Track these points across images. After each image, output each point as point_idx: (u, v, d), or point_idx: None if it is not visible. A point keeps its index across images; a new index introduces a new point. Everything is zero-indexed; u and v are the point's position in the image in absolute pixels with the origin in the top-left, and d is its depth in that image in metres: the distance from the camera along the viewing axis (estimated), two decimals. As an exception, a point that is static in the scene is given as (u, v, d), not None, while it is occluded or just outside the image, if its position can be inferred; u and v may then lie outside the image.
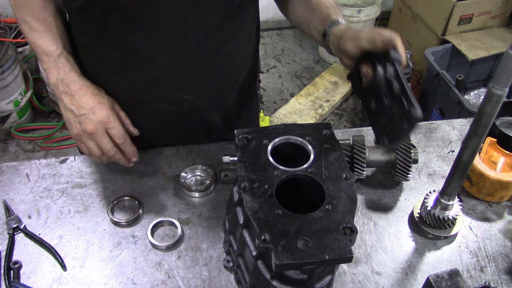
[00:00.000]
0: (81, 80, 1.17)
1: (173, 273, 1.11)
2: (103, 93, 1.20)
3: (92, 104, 1.15)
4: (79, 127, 1.16)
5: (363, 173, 1.22)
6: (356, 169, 1.22)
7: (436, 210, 1.17)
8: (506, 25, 3.33)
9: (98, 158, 1.20)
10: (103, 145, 1.17)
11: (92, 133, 1.15)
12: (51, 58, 1.16)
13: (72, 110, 1.16)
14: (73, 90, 1.15)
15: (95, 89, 1.19)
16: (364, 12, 3.60)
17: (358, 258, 1.15)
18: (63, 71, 1.16)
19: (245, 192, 0.90)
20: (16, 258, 1.12)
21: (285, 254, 0.81)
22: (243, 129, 1.02)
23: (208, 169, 1.30)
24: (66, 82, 1.16)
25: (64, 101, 1.16)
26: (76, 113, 1.16)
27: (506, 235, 1.22)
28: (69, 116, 1.17)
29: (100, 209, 1.23)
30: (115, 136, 1.18)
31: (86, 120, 1.15)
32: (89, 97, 1.16)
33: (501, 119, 1.36)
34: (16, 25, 3.08)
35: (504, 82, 0.86)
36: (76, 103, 1.15)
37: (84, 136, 1.17)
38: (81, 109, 1.15)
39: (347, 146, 1.24)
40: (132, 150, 1.22)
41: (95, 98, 1.16)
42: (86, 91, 1.16)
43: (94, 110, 1.15)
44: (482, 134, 0.96)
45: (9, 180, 1.29)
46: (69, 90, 1.16)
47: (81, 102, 1.15)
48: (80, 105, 1.15)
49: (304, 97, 3.55)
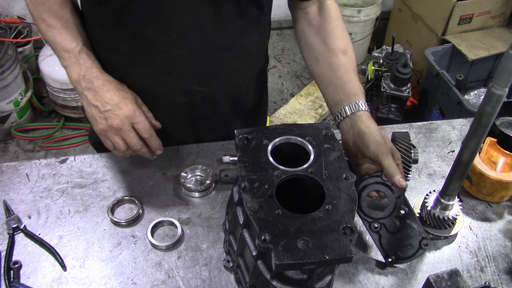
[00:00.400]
0: (103, 76, 1.17)
1: (173, 273, 1.11)
2: (126, 88, 1.20)
3: (117, 100, 1.15)
4: (104, 122, 1.16)
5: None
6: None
7: (436, 210, 1.17)
8: (506, 25, 3.33)
9: (123, 153, 1.21)
10: (130, 140, 1.17)
11: (119, 128, 1.15)
12: (72, 55, 1.16)
13: (97, 106, 1.15)
14: (96, 86, 1.15)
15: (118, 84, 1.19)
16: (364, 12, 3.60)
17: (358, 258, 1.15)
18: (84, 67, 1.16)
19: (245, 192, 0.90)
20: (16, 258, 1.12)
21: (285, 254, 0.81)
22: (243, 129, 1.02)
23: (208, 169, 1.30)
24: (89, 78, 1.16)
25: (88, 97, 1.16)
26: (101, 109, 1.15)
27: (506, 235, 1.22)
28: (93, 112, 1.16)
29: (100, 209, 1.23)
30: (141, 131, 1.18)
31: (112, 116, 1.14)
32: (113, 92, 1.16)
33: (501, 119, 1.36)
34: (16, 25, 3.08)
35: (504, 82, 0.86)
36: (100, 98, 1.15)
37: (110, 132, 1.16)
38: (106, 105, 1.15)
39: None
40: (157, 143, 1.22)
41: (119, 93, 1.16)
42: (109, 87, 1.16)
43: (120, 106, 1.15)
44: (482, 134, 0.96)
45: (9, 180, 1.29)
46: (92, 86, 1.15)
47: (105, 98, 1.15)
48: (105, 101, 1.15)
49: (304, 97, 3.55)
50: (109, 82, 1.17)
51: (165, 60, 1.19)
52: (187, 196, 1.27)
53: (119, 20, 1.12)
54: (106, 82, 1.16)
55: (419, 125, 1.51)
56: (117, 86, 1.18)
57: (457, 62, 3.12)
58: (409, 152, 1.21)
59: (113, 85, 1.17)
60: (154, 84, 1.25)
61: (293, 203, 0.90)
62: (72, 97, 3.13)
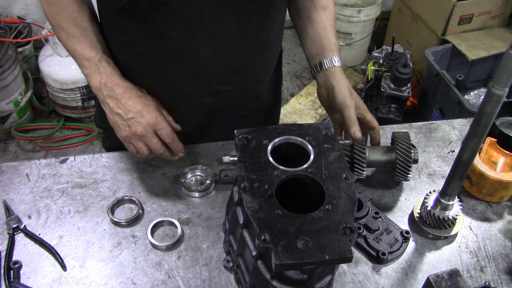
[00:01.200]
0: (124, 83, 1.18)
1: (173, 273, 1.11)
2: (146, 94, 1.22)
3: (139, 107, 1.16)
4: (128, 130, 1.17)
5: (363, 173, 1.22)
6: (356, 169, 1.22)
7: (436, 210, 1.17)
8: (506, 25, 3.33)
9: (145, 156, 1.22)
10: (153, 146, 1.18)
11: (142, 135, 1.16)
12: (92, 63, 1.17)
13: (120, 114, 1.17)
14: (118, 93, 1.16)
15: (138, 91, 1.20)
16: (364, 12, 3.60)
17: (358, 258, 1.15)
18: (105, 75, 1.17)
19: (245, 192, 0.90)
20: (16, 258, 1.12)
21: (285, 254, 0.81)
22: (243, 129, 1.02)
23: (208, 169, 1.30)
24: (110, 86, 1.17)
25: (110, 104, 1.17)
26: (123, 116, 1.16)
27: (506, 235, 1.22)
28: (116, 119, 1.18)
29: (100, 209, 1.23)
30: (164, 136, 1.19)
31: (135, 123, 1.16)
32: (135, 99, 1.17)
33: (501, 119, 1.36)
34: (16, 25, 3.08)
35: (504, 82, 0.86)
36: (122, 106, 1.16)
37: (133, 138, 1.18)
38: (129, 113, 1.16)
39: (347, 146, 1.24)
40: (179, 146, 1.24)
41: (141, 100, 1.17)
42: (130, 94, 1.17)
43: (142, 113, 1.16)
44: (482, 134, 0.96)
45: (9, 180, 1.29)
46: (114, 94, 1.17)
47: (127, 106, 1.16)
48: (127, 109, 1.16)
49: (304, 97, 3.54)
50: (130, 89, 1.18)
51: (190, 62, 1.19)
52: (187, 196, 1.27)
53: (144, 26, 1.13)
54: (127, 89, 1.17)
55: (419, 125, 1.51)
56: (138, 93, 1.19)
57: (457, 62, 3.12)
58: (409, 152, 1.22)
59: (134, 92, 1.18)
60: (180, 87, 1.25)
61: (293, 203, 0.90)
62: (72, 97, 3.13)
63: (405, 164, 1.22)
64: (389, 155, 1.25)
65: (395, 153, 1.23)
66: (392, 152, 1.25)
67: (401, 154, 1.22)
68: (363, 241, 1.16)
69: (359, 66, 3.92)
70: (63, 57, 3.01)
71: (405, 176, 1.24)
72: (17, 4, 3.44)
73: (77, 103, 3.16)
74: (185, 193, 1.28)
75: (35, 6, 3.49)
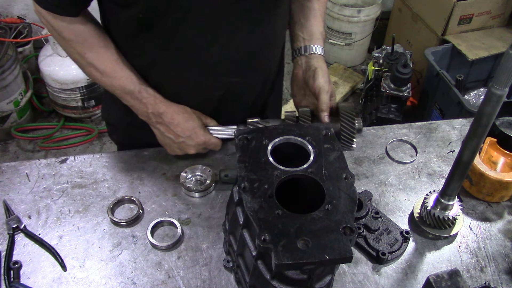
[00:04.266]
0: (169, 108, 1.23)
1: (173, 273, 1.11)
2: (191, 113, 1.27)
3: (188, 133, 1.24)
4: (179, 151, 1.28)
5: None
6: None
7: (436, 210, 1.17)
8: (506, 25, 3.32)
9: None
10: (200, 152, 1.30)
11: (193, 153, 1.28)
12: (134, 96, 1.21)
13: (170, 138, 1.25)
14: (167, 121, 1.23)
15: (185, 113, 1.25)
16: (364, 12, 3.60)
17: (358, 258, 1.15)
18: (150, 105, 1.22)
19: (245, 192, 0.90)
20: (16, 258, 1.12)
21: (285, 254, 0.81)
22: (243, 129, 1.03)
23: (208, 169, 1.30)
24: (157, 114, 1.23)
25: (160, 129, 1.25)
26: (174, 140, 1.25)
27: (506, 235, 1.22)
28: (166, 141, 1.28)
29: (100, 209, 1.23)
30: (213, 148, 1.30)
31: (186, 147, 1.26)
32: (183, 124, 1.23)
33: (501, 119, 1.36)
34: (16, 25, 3.08)
35: (504, 82, 0.86)
36: (172, 132, 1.24)
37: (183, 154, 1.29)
38: (179, 137, 1.24)
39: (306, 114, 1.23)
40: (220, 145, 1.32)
41: (188, 124, 1.24)
42: (178, 120, 1.23)
43: (192, 137, 1.25)
44: (482, 134, 0.96)
45: (9, 180, 1.29)
46: (163, 121, 1.23)
47: (177, 131, 1.23)
48: (177, 134, 1.24)
49: (304, 97, 3.54)
50: (177, 114, 1.23)
51: (200, 59, 1.21)
52: (187, 196, 1.27)
53: (157, 29, 1.13)
54: (174, 115, 1.23)
55: (419, 125, 1.51)
56: (184, 116, 1.24)
57: (457, 62, 3.12)
58: (353, 121, 1.21)
59: (181, 116, 1.24)
60: (190, 83, 1.27)
61: (293, 203, 0.90)
62: (72, 97, 3.13)
63: (349, 132, 1.21)
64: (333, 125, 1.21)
65: (340, 122, 1.21)
66: (337, 122, 1.22)
67: (345, 123, 1.21)
68: (363, 241, 1.16)
69: (359, 66, 3.92)
70: (63, 57, 3.00)
71: (350, 145, 1.22)
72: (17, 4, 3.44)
73: (77, 103, 3.16)
74: (185, 193, 1.28)
75: (35, 6, 3.49)
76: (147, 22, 1.12)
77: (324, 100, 1.23)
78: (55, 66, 3.02)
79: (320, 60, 1.31)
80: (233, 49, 1.21)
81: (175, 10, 1.09)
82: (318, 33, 1.34)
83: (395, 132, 1.48)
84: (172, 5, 1.07)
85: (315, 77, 1.26)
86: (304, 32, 1.34)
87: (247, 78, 1.32)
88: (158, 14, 1.10)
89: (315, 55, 1.31)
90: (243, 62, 1.27)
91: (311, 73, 1.27)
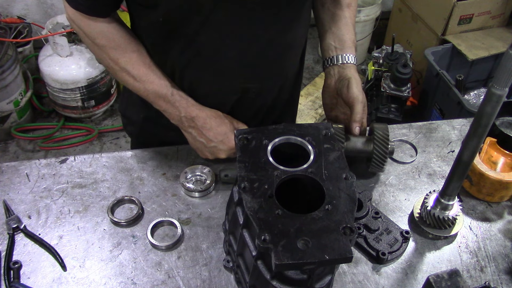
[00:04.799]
0: (201, 113, 1.23)
1: (173, 273, 1.11)
2: (223, 117, 1.27)
3: (220, 137, 1.24)
4: (210, 155, 1.28)
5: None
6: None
7: (436, 210, 1.17)
8: (506, 25, 3.32)
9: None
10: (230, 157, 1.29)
11: (223, 158, 1.28)
12: (167, 99, 1.21)
13: (202, 142, 1.25)
14: (199, 125, 1.23)
15: (217, 117, 1.25)
16: (364, 12, 3.60)
17: (358, 258, 1.15)
18: (182, 109, 1.22)
19: (245, 192, 0.90)
20: (16, 258, 1.12)
21: (285, 254, 0.81)
22: (243, 129, 1.03)
23: (208, 169, 1.30)
24: (189, 118, 1.23)
25: (192, 133, 1.25)
26: (206, 144, 1.25)
27: (506, 235, 1.22)
28: (198, 145, 1.28)
29: (100, 209, 1.23)
30: None
31: (217, 151, 1.26)
32: (215, 129, 1.23)
33: (501, 119, 1.36)
34: (16, 25, 3.08)
35: (504, 82, 0.86)
36: (204, 136, 1.24)
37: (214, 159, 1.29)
38: (211, 142, 1.24)
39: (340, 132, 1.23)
40: None
41: (220, 129, 1.24)
42: (211, 124, 1.23)
43: (224, 142, 1.24)
44: (482, 134, 0.96)
45: (9, 180, 1.29)
46: (196, 125, 1.23)
47: (209, 136, 1.23)
48: (209, 139, 1.24)
49: (304, 97, 3.54)
50: (209, 118, 1.23)
51: (217, 62, 1.21)
52: (187, 196, 1.27)
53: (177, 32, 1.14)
54: (206, 119, 1.23)
55: (419, 125, 1.51)
56: (217, 120, 1.24)
57: (457, 62, 3.12)
58: (387, 144, 1.21)
59: (213, 121, 1.23)
60: (205, 85, 1.27)
61: (293, 203, 0.90)
62: (72, 97, 3.13)
63: (382, 155, 1.22)
64: (367, 145, 1.25)
65: (373, 144, 1.23)
66: (370, 143, 1.24)
67: (378, 146, 1.22)
68: (363, 241, 1.16)
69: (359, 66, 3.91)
70: (63, 57, 3.01)
71: (381, 167, 1.24)
72: (17, 4, 3.44)
73: (77, 103, 3.16)
74: (185, 193, 1.28)
75: (35, 6, 3.49)
76: (171, 24, 1.12)
77: (358, 111, 1.23)
78: (55, 66, 3.02)
79: (352, 70, 1.30)
80: (251, 55, 1.21)
81: (193, 17, 1.09)
82: (349, 41, 1.33)
83: (395, 132, 1.48)
84: (194, 9, 1.07)
85: (348, 87, 1.25)
86: (336, 41, 1.33)
87: (264, 84, 1.32)
88: (180, 17, 1.10)
89: (347, 64, 1.30)
90: (260, 69, 1.26)
91: (345, 83, 1.27)
